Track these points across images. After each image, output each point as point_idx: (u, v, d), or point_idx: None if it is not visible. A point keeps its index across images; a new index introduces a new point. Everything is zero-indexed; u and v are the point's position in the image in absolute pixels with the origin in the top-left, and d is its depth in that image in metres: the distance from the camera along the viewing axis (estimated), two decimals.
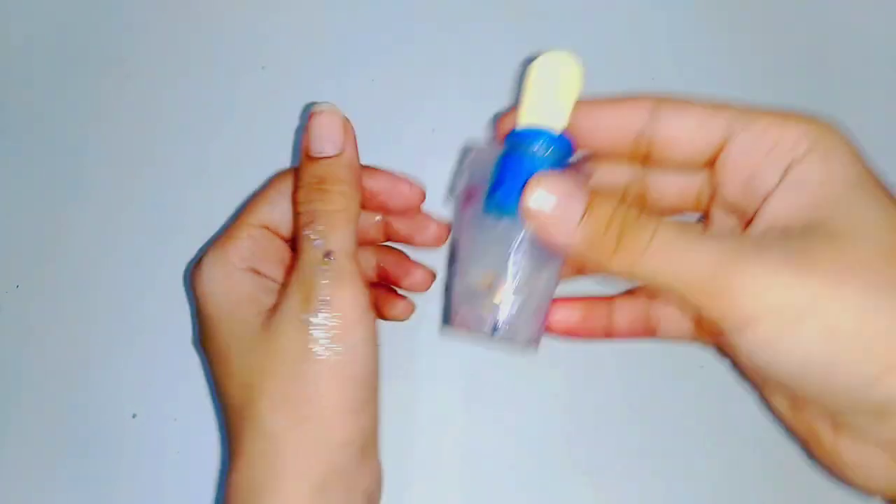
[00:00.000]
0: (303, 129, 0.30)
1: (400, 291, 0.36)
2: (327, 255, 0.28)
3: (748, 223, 0.29)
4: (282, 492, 0.27)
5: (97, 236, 0.39)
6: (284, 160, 0.40)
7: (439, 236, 0.35)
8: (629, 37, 0.42)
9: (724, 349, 0.33)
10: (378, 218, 0.35)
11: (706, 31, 0.42)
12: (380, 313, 0.35)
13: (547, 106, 0.29)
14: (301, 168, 0.30)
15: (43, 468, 0.37)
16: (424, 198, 0.34)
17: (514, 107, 0.30)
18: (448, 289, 0.33)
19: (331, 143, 0.30)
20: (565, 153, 0.29)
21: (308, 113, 0.30)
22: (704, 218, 0.32)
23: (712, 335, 0.33)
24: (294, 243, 0.30)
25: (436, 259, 0.37)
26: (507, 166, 0.28)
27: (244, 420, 0.28)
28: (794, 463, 0.35)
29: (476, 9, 0.42)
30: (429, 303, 0.37)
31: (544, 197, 0.26)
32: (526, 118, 0.29)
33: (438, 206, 0.38)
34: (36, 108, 0.41)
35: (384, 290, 0.36)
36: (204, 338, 0.30)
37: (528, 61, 0.29)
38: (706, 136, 0.28)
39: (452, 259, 0.31)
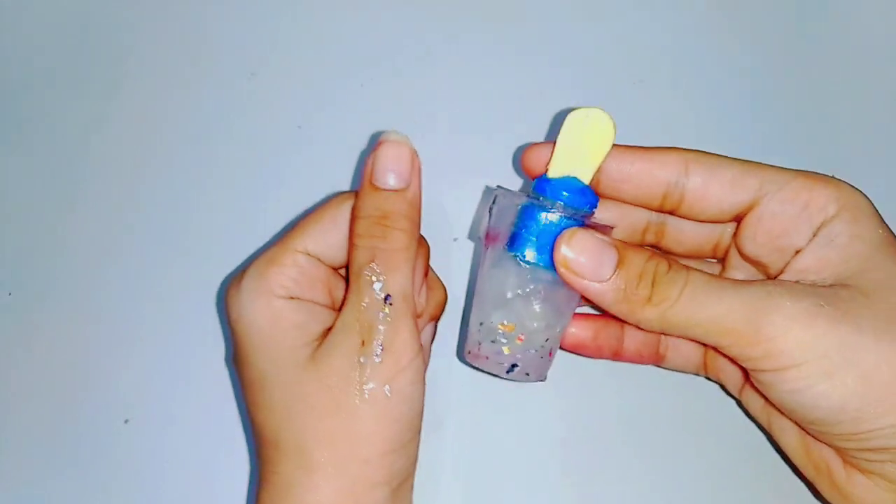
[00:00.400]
0: (368, 155, 0.30)
1: None
2: (386, 298, 0.28)
3: (770, 276, 0.30)
4: None
5: (88, 244, 0.39)
6: (274, 166, 0.40)
7: None
8: (616, 40, 0.42)
9: (728, 385, 0.34)
10: None
11: (694, 34, 0.42)
12: None
13: (578, 159, 0.29)
14: (363, 197, 0.29)
15: (36, 474, 0.37)
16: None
17: (537, 143, 0.31)
18: (467, 321, 0.33)
19: (397, 176, 0.29)
20: (592, 205, 0.30)
21: (377, 140, 0.30)
22: (721, 265, 0.34)
23: (720, 373, 0.34)
24: (347, 274, 0.29)
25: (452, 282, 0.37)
26: (534, 215, 0.29)
27: (279, 450, 0.28)
28: (784, 471, 0.36)
29: (463, 13, 0.42)
30: None
31: (577, 251, 0.27)
32: (556, 168, 0.30)
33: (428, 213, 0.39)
34: (27, 120, 0.41)
35: None
36: (239, 362, 0.30)
37: (565, 113, 0.29)
38: (737, 196, 0.29)
39: (473, 294, 0.32)
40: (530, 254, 0.29)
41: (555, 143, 0.30)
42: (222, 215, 0.40)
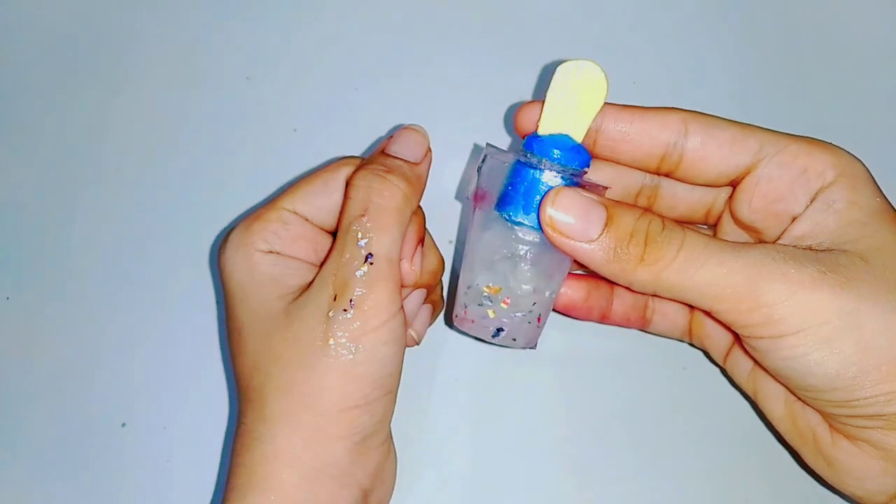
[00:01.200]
0: (387, 136, 0.30)
1: None
2: (368, 256, 0.27)
3: (763, 242, 0.30)
4: (271, 477, 0.27)
5: (86, 250, 0.40)
6: (270, 169, 0.40)
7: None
8: (611, 41, 0.42)
9: (713, 353, 0.34)
10: None
11: (688, 35, 0.42)
12: None
13: (569, 115, 0.28)
14: (371, 157, 0.30)
15: (34, 478, 0.37)
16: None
17: (531, 101, 0.30)
18: (455, 286, 0.33)
19: (410, 152, 0.29)
20: (583, 164, 0.29)
21: (398, 127, 0.31)
22: (712, 232, 0.33)
23: (706, 339, 0.34)
24: (336, 229, 0.29)
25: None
26: (523, 174, 0.28)
27: (249, 401, 0.29)
28: (775, 460, 0.36)
29: (456, 17, 0.43)
30: None
31: (563, 210, 0.27)
32: (547, 124, 0.29)
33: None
34: (25, 123, 0.42)
35: None
36: (226, 314, 0.30)
37: (554, 66, 0.28)
38: (736, 157, 0.29)
39: (461, 258, 0.31)
40: (519, 214, 0.28)
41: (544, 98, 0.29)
42: (219, 218, 0.40)
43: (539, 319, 0.30)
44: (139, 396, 0.38)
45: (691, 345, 0.36)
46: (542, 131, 0.29)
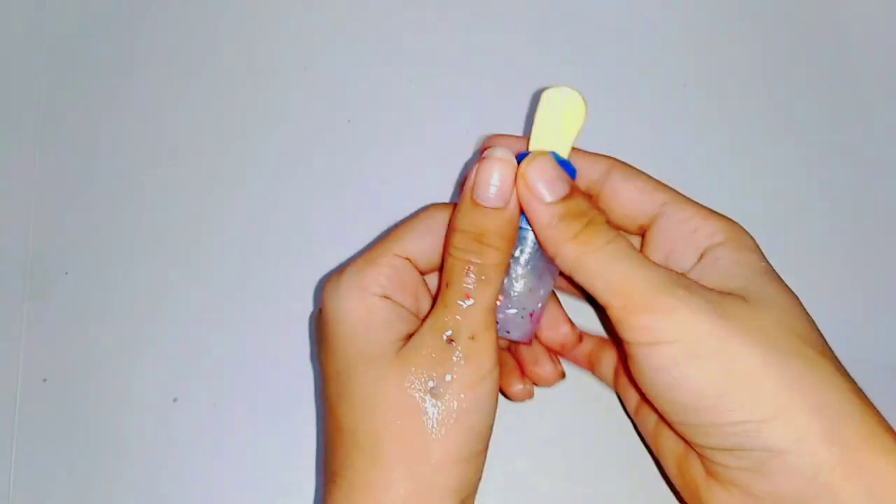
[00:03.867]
0: (471, 166, 0.30)
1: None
2: (472, 309, 0.29)
3: None
4: None
5: (141, 225, 0.41)
6: (324, 159, 0.41)
7: (548, 380, 0.35)
8: (660, 45, 0.43)
9: (628, 405, 0.36)
10: None
11: (738, 39, 0.43)
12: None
13: (555, 134, 0.32)
14: (462, 209, 0.30)
15: (86, 449, 0.38)
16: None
17: (501, 134, 0.34)
18: None
19: (499, 196, 0.30)
20: (570, 175, 0.31)
21: (481, 151, 0.31)
22: None
23: (627, 390, 0.36)
24: (439, 281, 0.31)
25: None
26: None
27: (355, 445, 0.29)
28: None
29: (512, 13, 0.43)
30: None
31: (537, 168, 0.30)
32: (536, 143, 0.32)
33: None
34: (91, 107, 0.43)
35: (508, 365, 0.36)
36: (326, 355, 0.31)
37: (538, 93, 0.31)
38: (642, 205, 0.33)
39: None
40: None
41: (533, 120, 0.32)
42: (268, 207, 0.41)
43: (531, 315, 0.32)
44: (191, 373, 0.39)
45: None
46: (532, 148, 0.32)
